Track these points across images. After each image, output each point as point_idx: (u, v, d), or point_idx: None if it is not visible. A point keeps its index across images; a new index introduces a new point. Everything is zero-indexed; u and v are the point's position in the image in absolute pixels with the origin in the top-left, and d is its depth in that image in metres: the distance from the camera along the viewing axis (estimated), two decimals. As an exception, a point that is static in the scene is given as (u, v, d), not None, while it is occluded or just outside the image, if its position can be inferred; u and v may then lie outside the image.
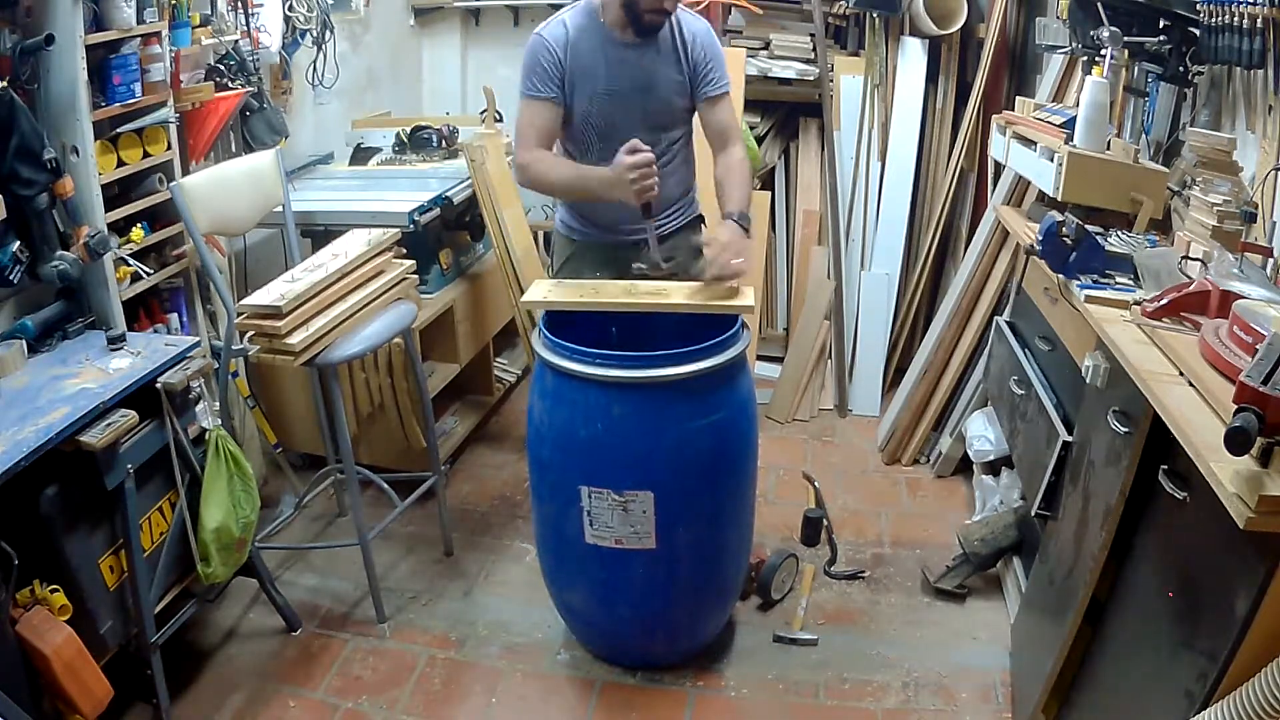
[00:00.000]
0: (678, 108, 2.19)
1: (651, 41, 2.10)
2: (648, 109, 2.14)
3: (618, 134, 2.09)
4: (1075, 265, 1.92)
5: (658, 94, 2.14)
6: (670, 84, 2.14)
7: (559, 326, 2.04)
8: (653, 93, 2.13)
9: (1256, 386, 1.11)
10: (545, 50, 2.07)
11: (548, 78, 2.07)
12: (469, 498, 3.03)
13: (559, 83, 2.08)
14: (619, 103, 2.11)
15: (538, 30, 2.10)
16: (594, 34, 2.08)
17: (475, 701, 2.19)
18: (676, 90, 2.16)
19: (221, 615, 2.45)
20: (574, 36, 2.07)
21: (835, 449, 3.35)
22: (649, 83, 2.12)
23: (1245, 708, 1.16)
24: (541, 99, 2.09)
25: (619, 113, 2.12)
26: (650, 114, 2.14)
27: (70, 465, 1.77)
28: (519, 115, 2.14)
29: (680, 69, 2.14)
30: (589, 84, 2.09)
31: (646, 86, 2.12)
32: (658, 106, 2.15)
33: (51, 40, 2.00)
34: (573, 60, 2.07)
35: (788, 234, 3.74)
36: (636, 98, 2.12)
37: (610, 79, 2.09)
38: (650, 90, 2.13)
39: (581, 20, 2.09)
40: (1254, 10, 1.76)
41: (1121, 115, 2.45)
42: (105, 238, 2.17)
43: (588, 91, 2.10)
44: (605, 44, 2.08)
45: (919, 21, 3.33)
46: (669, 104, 2.17)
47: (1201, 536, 1.34)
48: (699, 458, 1.99)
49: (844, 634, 2.39)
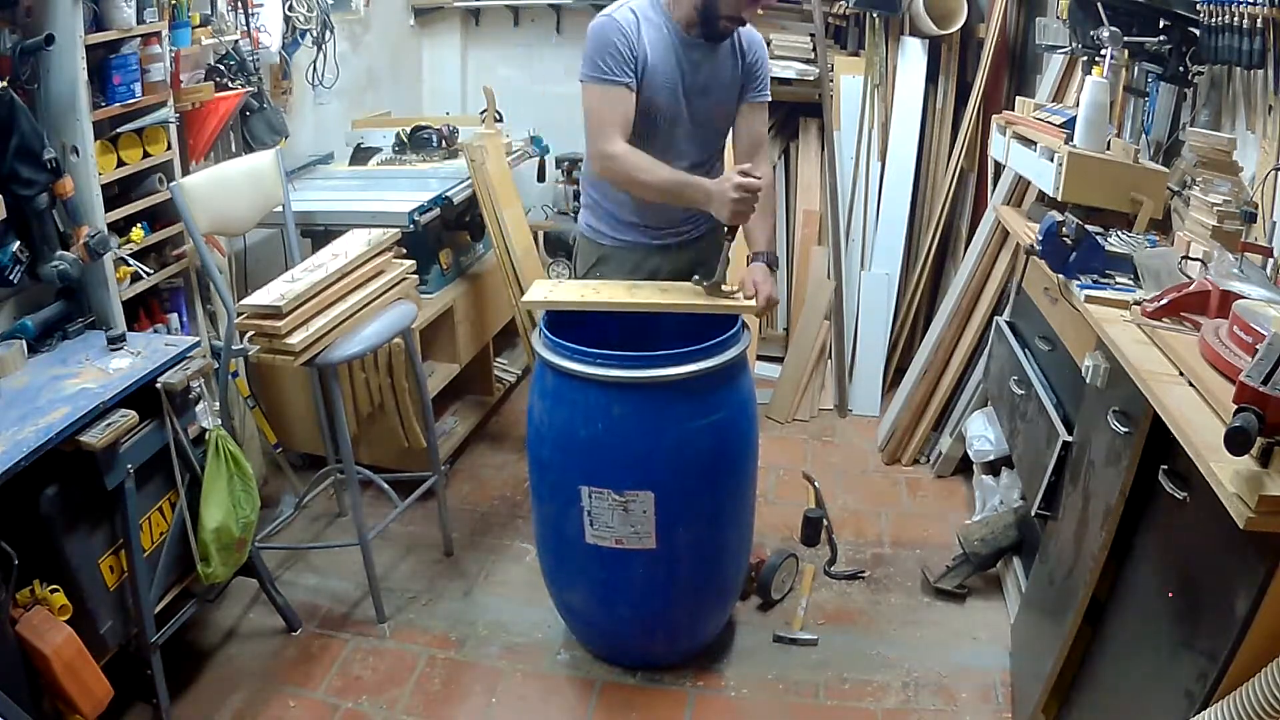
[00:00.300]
0: (728, 111, 2.17)
1: (716, 44, 2.07)
2: (706, 110, 2.12)
3: (673, 131, 2.08)
4: (1075, 265, 1.92)
5: (717, 97, 2.12)
6: (727, 89, 2.13)
7: (559, 326, 2.04)
8: (712, 95, 2.11)
9: (1256, 386, 1.11)
10: (620, 33, 1.95)
11: (623, 62, 1.95)
12: (469, 498, 3.03)
13: (633, 69, 1.97)
14: (681, 101, 2.07)
15: (607, 12, 1.99)
16: (661, 28, 2.02)
17: (475, 701, 2.19)
18: (732, 94, 2.14)
19: (221, 615, 2.45)
20: (643, 25, 2.00)
21: (835, 449, 3.35)
22: (711, 85, 2.10)
23: (1245, 708, 1.16)
24: (619, 84, 1.96)
25: (677, 112, 2.08)
26: (707, 116, 2.13)
27: (70, 465, 1.77)
28: (593, 101, 2.00)
29: (735, 72, 2.12)
30: (655, 77, 2.02)
31: (708, 88, 2.09)
32: (715, 110, 2.14)
33: (51, 40, 2.00)
34: (643, 49, 1.99)
35: (788, 234, 3.74)
36: (697, 98, 2.09)
37: (676, 76, 2.04)
38: (710, 92, 2.10)
39: (649, 11, 2.02)
40: (1254, 10, 1.76)
41: (1121, 115, 2.45)
42: (105, 238, 2.17)
43: (654, 85, 2.02)
44: (673, 40, 2.02)
45: (919, 21, 3.33)
46: (725, 107, 2.16)
47: (1201, 536, 1.34)
48: (699, 458, 1.99)
49: (844, 634, 2.39)
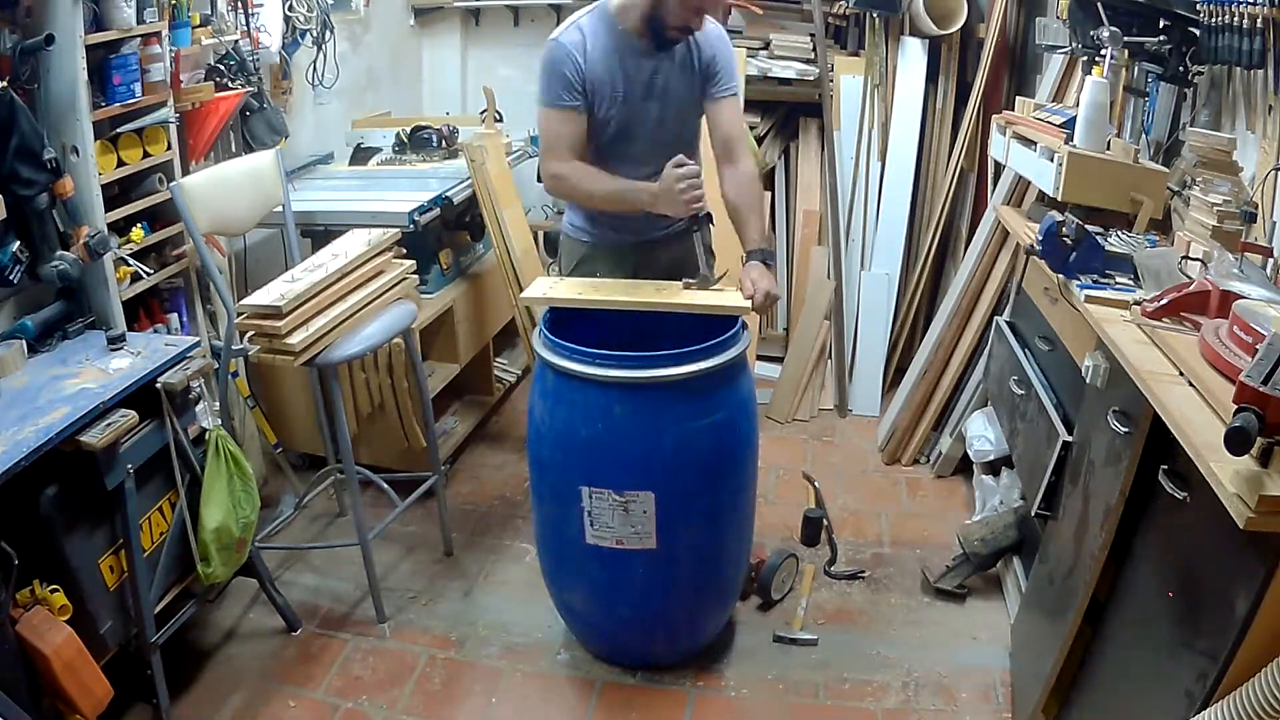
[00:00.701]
0: (692, 114, 2.18)
1: (668, 51, 2.08)
2: (663, 117, 2.12)
3: (635, 141, 2.09)
4: (1075, 265, 1.92)
5: (672, 102, 2.12)
6: (684, 91, 2.13)
7: (560, 327, 2.04)
8: (668, 101, 2.12)
9: (1256, 386, 1.11)
10: (567, 58, 2.02)
11: (571, 86, 2.03)
12: (469, 498, 3.03)
13: (581, 90, 2.04)
14: (635, 111, 2.09)
15: (555, 37, 2.05)
16: (610, 40, 2.04)
17: (475, 701, 2.19)
18: (690, 96, 2.15)
19: (221, 615, 2.45)
20: (590, 43, 2.03)
21: (835, 449, 3.35)
22: (664, 91, 2.10)
23: (1245, 708, 1.16)
24: (567, 108, 2.04)
25: (635, 121, 2.10)
26: (666, 121, 2.13)
27: (70, 465, 1.77)
28: (544, 125, 2.09)
29: (692, 72, 2.12)
30: (606, 91, 2.06)
31: (662, 95, 2.10)
32: (673, 114, 2.14)
33: (51, 40, 2.00)
34: (590, 68, 2.03)
35: (788, 234, 3.74)
36: (652, 106, 2.10)
37: (627, 87, 2.07)
38: (665, 98, 2.11)
39: (597, 26, 2.05)
40: (1254, 10, 1.76)
41: (1121, 115, 2.45)
42: (105, 238, 2.17)
43: (605, 99, 2.07)
44: (622, 51, 2.05)
45: (919, 21, 3.33)
46: (683, 110, 2.16)
47: (1201, 536, 1.34)
48: (699, 458, 1.99)
49: (844, 634, 2.39)
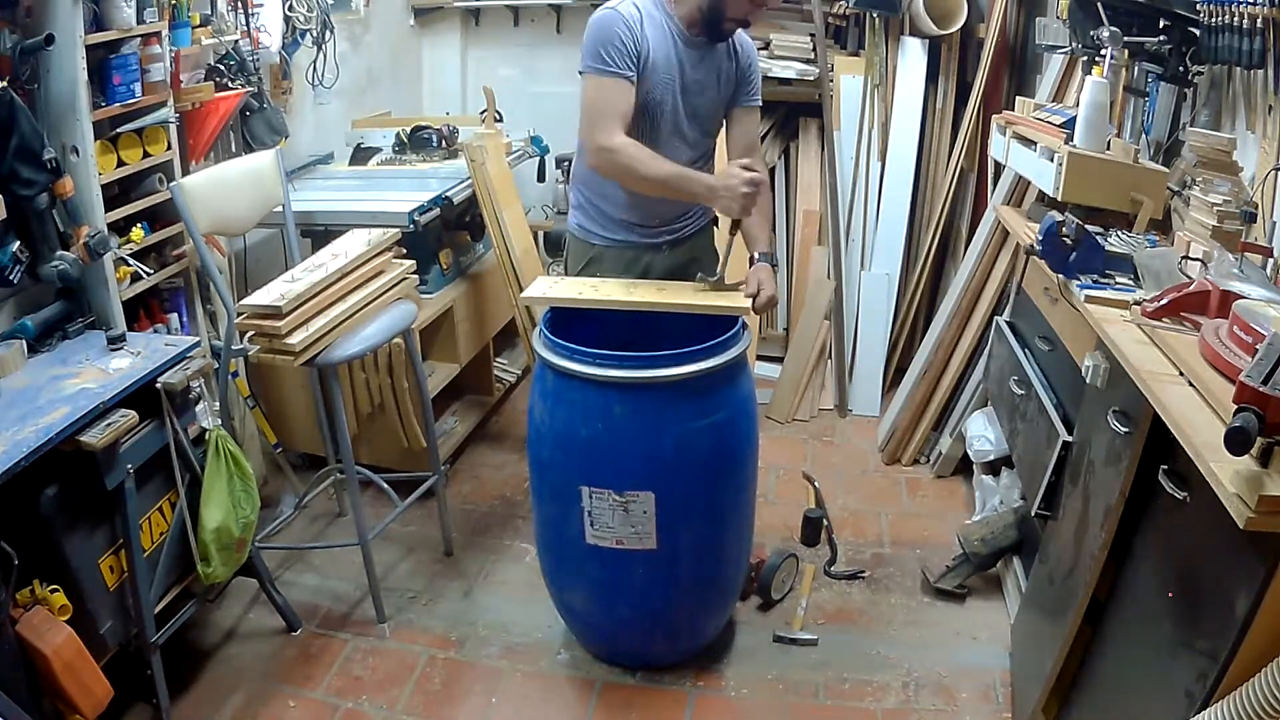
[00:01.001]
0: (718, 112, 2.18)
1: (714, 47, 2.08)
2: (702, 109, 2.13)
3: (668, 128, 2.09)
4: (1075, 265, 1.92)
5: (712, 96, 2.13)
6: (720, 91, 2.14)
7: (560, 327, 2.04)
8: (708, 94, 2.12)
9: (1256, 386, 1.11)
10: (624, 25, 1.94)
11: (625, 55, 1.94)
12: (469, 498, 3.03)
13: (635, 62, 1.96)
14: (678, 98, 2.07)
15: (611, 6, 1.97)
16: (663, 24, 2.02)
17: (475, 701, 2.19)
18: (725, 94, 2.15)
19: (221, 615, 2.45)
20: (646, 20, 2.00)
21: (835, 449, 3.35)
22: (707, 84, 2.10)
23: (1245, 708, 1.16)
24: (620, 76, 1.95)
25: (675, 108, 2.08)
26: (702, 114, 2.13)
27: (70, 465, 1.77)
28: (592, 93, 1.98)
29: (730, 75, 2.13)
30: (655, 73, 2.02)
31: (705, 87, 2.10)
32: (710, 108, 2.14)
33: (51, 40, 2.00)
34: (646, 42, 1.98)
35: (788, 234, 3.74)
36: (695, 96, 2.10)
37: (675, 74, 2.04)
38: (706, 92, 2.11)
39: (650, 8, 2.02)
40: (1254, 10, 1.76)
41: (1121, 115, 2.45)
42: (105, 238, 2.17)
43: (658, 81, 2.03)
44: (674, 37, 2.03)
45: (919, 21, 3.33)
46: (718, 106, 2.17)
47: (1201, 536, 1.34)
48: (700, 458, 1.99)
49: (844, 634, 2.39)
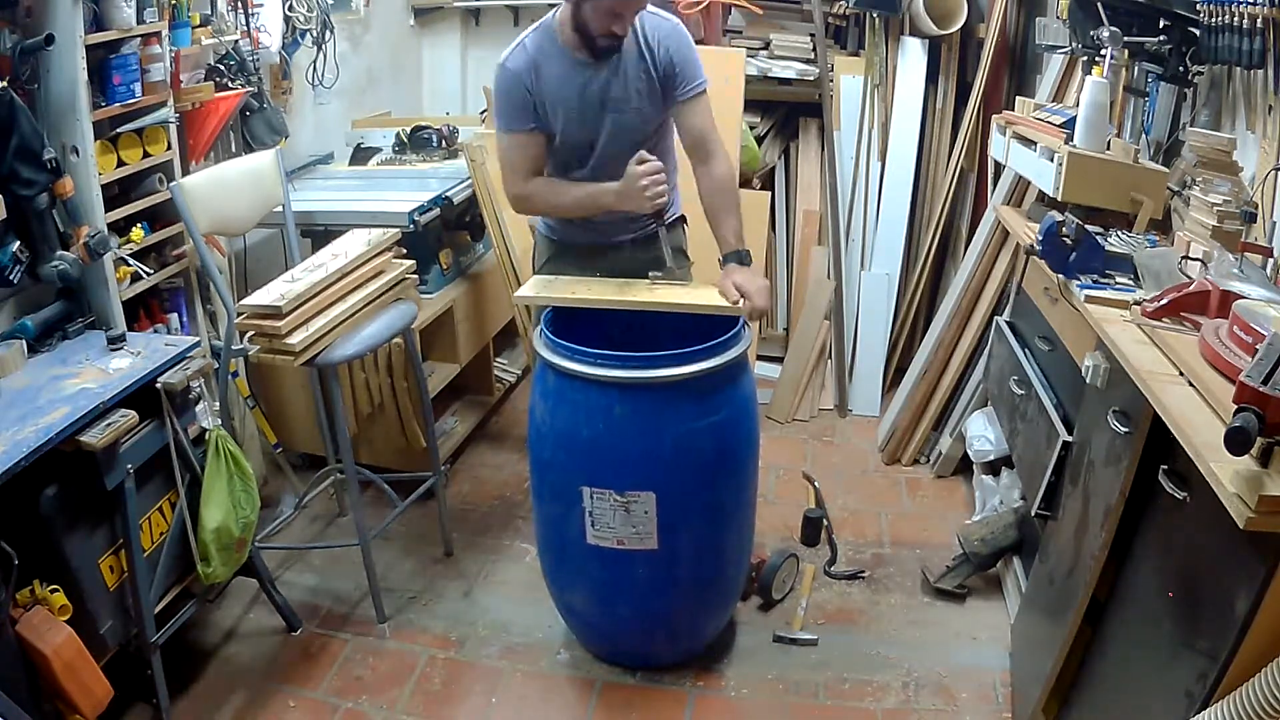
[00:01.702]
0: (650, 117, 2.13)
1: (610, 59, 2.04)
2: (618, 125, 2.09)
3: (593, 153, 2.10)
4: (1075, 265, 1.92)
5: (629, 111, 2.09)
6: (642, 100, 2.09)
7: (561, 327, 2.04)
8: (624, 111, 2.08)
9: (1256, 386, 1.11)
10: (514, 83, 2.03)
11: (521, 109, 2.05)
12: (469, 498, 3.03)
13: (534, 111, 2.05)
14: (589, 122, 2.08)
15: (502, 61, 2.05)
16: (555, 55, 2.04)
17: (475, 701, 2.19)
18: (646, 101, 2.10)
19: (221, 615, 2.45)
20: (538, 60, 2.03)
21: (835, 449, 3.35)
22: (620, 101, 2.07)
23: (1245, 708, 1.17)
24: (519, 131, 2.07)
25: (591, 133, 2.09)
26: (623, 131, 2.09)
27: (70, 465, 1.77)
28: (502, 150, 2.13)
29: (649, 78, 2.07)
30: (559, 109, 2.06)
31: (617, 105, 2.07)
32: (628, 121, 2.10)
33: (51, 40, 2.00)
34: (540, 87, 2.03)
35: (788, 234, 3.74)
36: (605, 116, 2.08)
37: (577, 100, 2.05)
38: (621, 108, 2.08)
39: (542, 41, 2.04)
40: (1254, 10, 1.76)
41: (1121, 115, 2.45)
42: (105, 238, 2.17)
43: (559, 116, 2.06)
44: (567, 64, 2.04)
45: (919, 21, 3.33)
46: (639, 115, 2.11)
47: (1201, 536, 1.34)
48: (700, 458, 1.99)
49: (844, 634, 2.39)
